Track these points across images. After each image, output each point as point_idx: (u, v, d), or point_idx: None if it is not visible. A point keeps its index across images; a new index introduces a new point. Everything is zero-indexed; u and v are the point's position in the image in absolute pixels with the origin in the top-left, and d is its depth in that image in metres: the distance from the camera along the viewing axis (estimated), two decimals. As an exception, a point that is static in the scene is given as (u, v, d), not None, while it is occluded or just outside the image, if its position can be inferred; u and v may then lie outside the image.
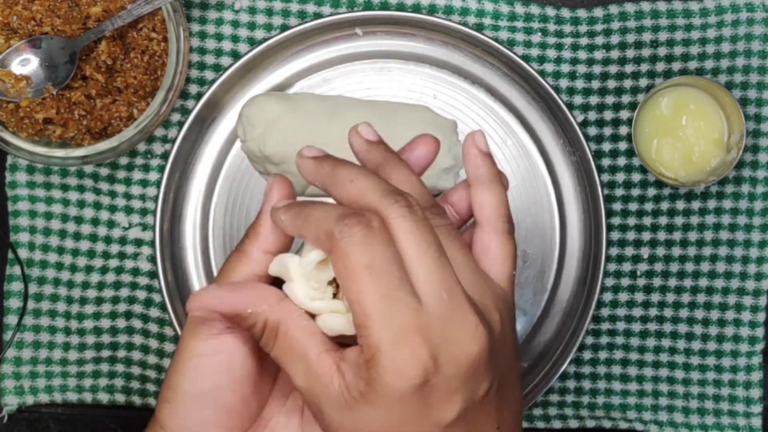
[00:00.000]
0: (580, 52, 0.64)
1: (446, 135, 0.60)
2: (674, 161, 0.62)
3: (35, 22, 0.58)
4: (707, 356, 0.64)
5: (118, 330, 0.64)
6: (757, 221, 0.64)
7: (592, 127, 0.65)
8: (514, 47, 0.64)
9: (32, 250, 0.64)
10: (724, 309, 0.64)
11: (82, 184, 0.64)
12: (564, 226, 0.65)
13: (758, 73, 0.63)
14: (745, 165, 0.64)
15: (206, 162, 0.65)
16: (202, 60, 0.64)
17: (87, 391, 0.63)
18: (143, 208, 0.65)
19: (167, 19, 0.59)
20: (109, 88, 0.59)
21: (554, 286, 0.65)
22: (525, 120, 0.65)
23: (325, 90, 0.65)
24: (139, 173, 0.65)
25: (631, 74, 0.64)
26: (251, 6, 0.64)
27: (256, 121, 0.59)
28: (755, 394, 0.64)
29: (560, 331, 0.64)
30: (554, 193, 0.65)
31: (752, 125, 0.64)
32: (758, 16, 0.63)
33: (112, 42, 0.59)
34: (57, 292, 0.64)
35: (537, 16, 0.64)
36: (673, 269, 0.65)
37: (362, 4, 0.64)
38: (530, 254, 0.65)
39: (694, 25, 0.64)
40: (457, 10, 0.64)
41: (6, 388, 0.63)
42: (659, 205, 0.65)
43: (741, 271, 0.64)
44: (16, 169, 0.64)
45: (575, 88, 0.65)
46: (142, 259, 0.65)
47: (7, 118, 0.59)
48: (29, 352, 0.63)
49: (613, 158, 0.65)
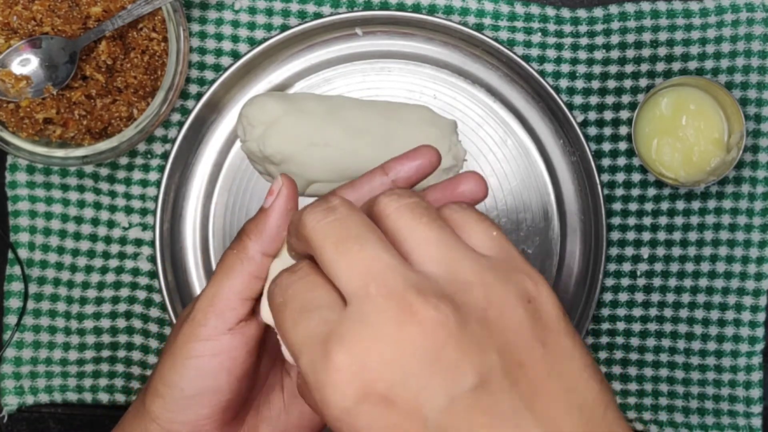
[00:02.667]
0: (580, 52, 0.65)
1: (446, 135, 0.60)
2: (674, 161, 0.62)
3: (35, 22, 0.58)
4: (707, 356, 0.64)
5: (118, 330, 0.64)
6: (757, 221, 0.64)
7: (592, 127, 0.65)
8: (514, 47, 0.64)
9: (32, 250, 0.64)
10: (724, 309, 0.64)
11: (82, 184, 0.64)
12: (564, 225, 0.65)
13: (758, 73, 0.63)
14: (745, 165, 0.64)
15: (206, 162, 0.65)
16: (202, 60, 0.64)
17: (87, 391, 0.64)
18: (143, 208, 0.65)
19: (167, 19, 0.59)
20: (109, 88, 0.59)
21: (554, 286, 0.65)
22: (525, 120, 0.65)
23: (325, 90, 0.65)
24: (139, 173, 0.65)
25: (631, 74, 0.64)
26: (251, 6, 0.64)
27: (256, 121, 0.59)
28: (755, 394, 0.64)
29: (560, 331, 0.64)
30: (554, 193, 0.65)
31: (752, 125, 0.64)
32: (758, 16, 0.63)
33: (112, 42, 0.59)
34: (57, 292, 0.64)
35: (537, 16, 0.64)
36: (673, 269, 0.65)
37: (362, 4, 0.64)
38: (530, 254, 0.65)
39: (694, 25, 0.64)
40: (457, 10, 0.64)
41: (6, 388, 0.63)
42: (659, 205, 0.65)
43: (741, 271, 0.64)
44: (16, 169, 0.64)
45: (575, 88, 0.65)
46: (142, 259, 0.65)
47: (7, 118, 0.59)
48: (29, 352, 0.63)
49: (613, 158, 0.65)
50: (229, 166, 0.65)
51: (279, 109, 0.59)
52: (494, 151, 0.65)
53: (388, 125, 0.59)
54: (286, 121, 0.59)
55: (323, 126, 0.59)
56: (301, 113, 0.59)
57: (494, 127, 0.65)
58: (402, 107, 0.62)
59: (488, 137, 0.65)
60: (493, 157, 0.65)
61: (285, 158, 0.59)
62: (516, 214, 0.65)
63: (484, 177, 0.39)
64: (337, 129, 0.59)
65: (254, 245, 0.39)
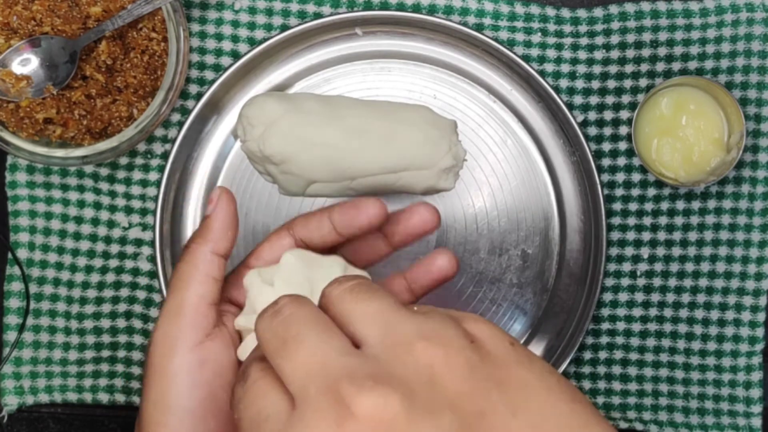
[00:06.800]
0: (580, 52, 0.65)
1: (446, 135, 0.60)
2: (674, 161, 0.62)
3: (35, 22, 0.58)
4: (707, 356, 0.64)
5: (118, 330, 0.64)
6: (757, 221, 0.64)
7: (592, 127, 0.65)
8: (514, 47, 0.64)
9: (32, 250, 0.64)
10: (724, 309, 0.64)
11: (82, 184, 0.64)
12: (564, 225, 0.65)
13: (758, 73, 0.63)
14: (745, 165, 0.64)
15: (206, 162, 0.65)
16: (202, 60, 0.64)
17: (87, 391, 0.64)
18: (143, 208, 0.65)
19: (167, 19, 0.59)
20: (109, 88, 0.59)
21: (554, 286, 0.65)
22: (525, 120, 0.65)
23: (325, 90, 0.65)
24: (139, 173, 0.65)
25: (631, 74, 0.64)
26: (251, 6, 0.64)
27: (256, 121, 0.59)
28: (755, 394, 0.64)
29: (560, 331, 0.64)
30: (554, 193, 0.65)
31: (752, 125, 0.64)
32: (758, 16, 0.63)
33: (112, 42, 0.59)
34: (57, 292, 0.64)
35: (537, 16, 0.64)
36: (673, 269, 0.65)
37: (362, 4, 0.64)
38: (530, 254, 0.65)
39: (694, 25, 0.64)
40: (457, 10, 0.64)
41: (6, 388, 0.63)
42: (659, 205, 0.65)
43: (741, 271, 0.64)
44: (16, 169, 0.64)
45: (575, 88, 0.65)
46: (142, 259, 0.65)
47: (7, 118, 0.59)
48: (29, 352, 0.63)
49: (613, 158, 0.65)
50: (229, 166, 0.65)
51: (279, 109, 0.59)
52: (494, 151, 0.65)
53: (388, 125, 0.59)
54: (286, 121, 0.59)
55: (323, 126, 0.59)
56: (301, 113, 0.59)
57: (494, 127, 0.65)
58: (402, 107, 0.62)
59: (488, 137, 0.65)
60: (493, 157, 0.65)
61: (285, 158, 0.59)
62: (516, 214, 0.65)
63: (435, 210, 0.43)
64: (337, 129, 0.59)
65: (203, 248, 0.41)
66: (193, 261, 0.41)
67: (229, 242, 0.42)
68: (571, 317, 0.64)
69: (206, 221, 0.42)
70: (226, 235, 0.42)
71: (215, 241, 0.42)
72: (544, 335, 0.65)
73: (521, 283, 0.65)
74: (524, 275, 0.65)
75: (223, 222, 0.42)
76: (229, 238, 0.42)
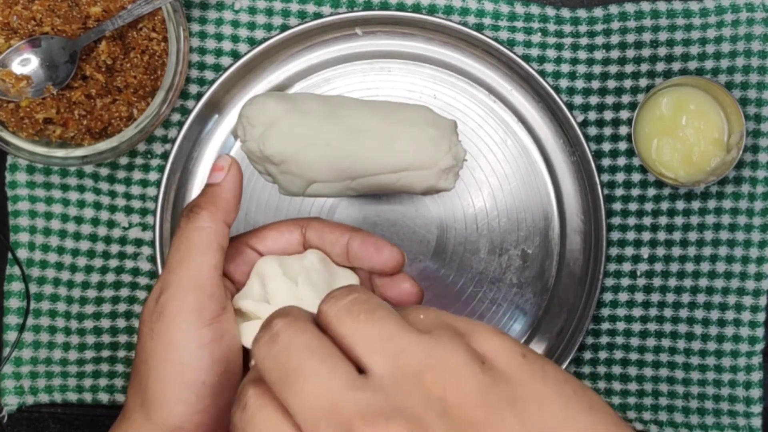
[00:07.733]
0: (580, 52, 0.65)
1: (446, 135, 0.60)
2: (674, 161, 0.62)
3: (35, 22, 0.58)
4: (707, 356, 0.64)
5: (118, 330, 0.64)
6: (757, 221, 0.64)
7: (592, 127, 0.65)
8: (514, 47, 0.64)
9: (32, 250, 0.64)
10: (724, 309, 0.64)
11: (82, 184, 0.64)
12: (564, 225, 0.65)
13: (758, 73, 0.63)
14: (745, 165, 0.64)
15: (206, 162, 0.65)
16: (202, 60, 0.64)
17: (87, 391, 0.64)
18: (143, 208, 0.65)
19: (167, 19, 0.59)
20: (109, 88, 0.59)
21: (554, 287, 0.65)
22: (525, 120, 0.65)
23: (325, 90, 0.65)
24: (139, 173, 0.65)
25: (631, 74, 0.64)
26: (251, 6, 0.64)
27: (256, 121, 0.59)
28: (755, 394, 0.64)
29: (560, 331, 0.64)
30: (554, 193, 0.65)
31: (752, 125, 0.64)
32: (758, 16, 0.63)
33: (112, 42, 0.59)
34: (57, 292, 0.64)
35: (537, 16, 0.64)
36: (673, 269, 0.65)
37: (362, 4, 0.64)
38: (530, 254, 0.65)
39: (694, 25, 0.64)
40: (457, 10, 0.64)
41: (6, 388, 0.63)
42: (659, 205, 0.65)
43: (741, 271, 0.64)
44: (16, 169, 0.64)
45: (575, 88, 0.65)
46: (142, 259, 0.65)
47: (7, 118, 0.59)
48: (29, 352, 0.63)
49: (613, 158, 0.65)
50: (229, 166, 0.65)
51: (279, 109, 0.59)
52: (494, 151, 0.65)
53: (388, 125, 0.59)
54: (286, 121, 0.59)
55: (323, 126, 0.59)
56: (301, 113, 0.59)
57: (494, 127, 0.65)
58: (402, 107, 0.62)
59: (488, 137, 0.65)
60: (493, 157, 0.65)
61: (285, 158, 0.59)
62: (516, 214, 0.65)
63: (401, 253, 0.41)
64: (337, 129, 0.58)
65: (217, 216, 0.39)
66: (207, 229, 0.39)
67: (236, 214, 0.41)
68: (571, 317, 0.64)
69: (215, 190, 0.40)
70: (236, 207, 0.40)
71: (227, 212, 0.40)
72: (544, 335, 0.65)
73: (521, 283, 0.65)
74: (524, 275, 0.65)
75: (234, 192, 0.40)
76: (237, 210, 0.41)
